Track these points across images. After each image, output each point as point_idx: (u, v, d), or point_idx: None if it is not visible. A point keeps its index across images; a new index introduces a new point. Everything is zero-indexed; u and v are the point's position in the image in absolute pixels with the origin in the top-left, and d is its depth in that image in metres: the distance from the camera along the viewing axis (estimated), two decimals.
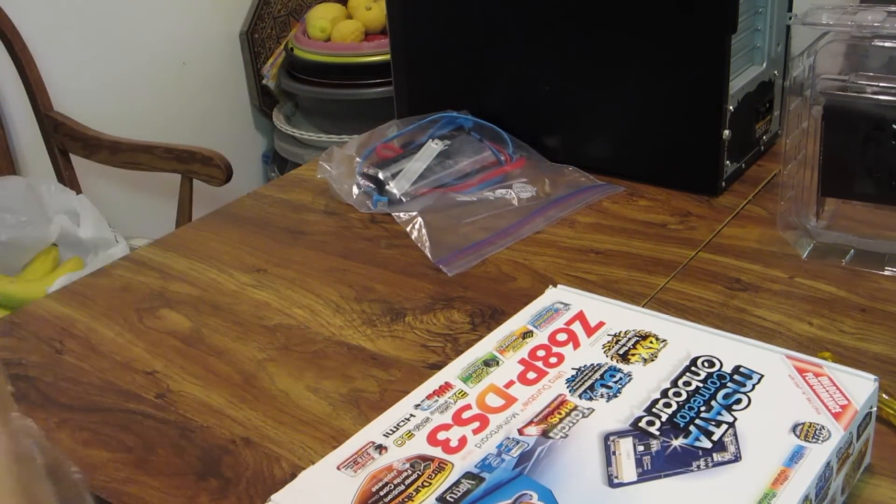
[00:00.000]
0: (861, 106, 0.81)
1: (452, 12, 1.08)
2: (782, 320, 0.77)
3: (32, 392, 0.75)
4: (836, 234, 0.86)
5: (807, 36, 0.86)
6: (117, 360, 0.78)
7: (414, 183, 1.00)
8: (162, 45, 2.04)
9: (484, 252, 0.90)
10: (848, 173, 0.84)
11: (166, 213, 1.82)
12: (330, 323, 0.81)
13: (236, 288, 0.88)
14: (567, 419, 0.58)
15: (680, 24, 0.93)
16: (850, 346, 0.73)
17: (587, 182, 1.02)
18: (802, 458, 0.53)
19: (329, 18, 2.13)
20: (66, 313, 0.86)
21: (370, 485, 0.54)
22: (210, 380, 0.75)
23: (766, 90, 1.02)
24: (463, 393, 0.61)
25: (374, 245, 0.94)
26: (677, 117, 0.97)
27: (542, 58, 1.03)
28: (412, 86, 1.15)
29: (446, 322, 0.80)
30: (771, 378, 0.60)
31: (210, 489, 0.63)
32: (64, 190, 1.68)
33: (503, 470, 0.54)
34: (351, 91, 2.08)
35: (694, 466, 0.53)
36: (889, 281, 0.81)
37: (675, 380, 0.60)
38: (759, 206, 0.95)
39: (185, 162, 1.64)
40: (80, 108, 1.81)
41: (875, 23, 0.82)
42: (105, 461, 0.67)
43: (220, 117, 2.21)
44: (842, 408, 0.57)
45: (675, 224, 0.93)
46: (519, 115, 1.07)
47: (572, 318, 0.68)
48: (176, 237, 0.99)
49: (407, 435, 0.58)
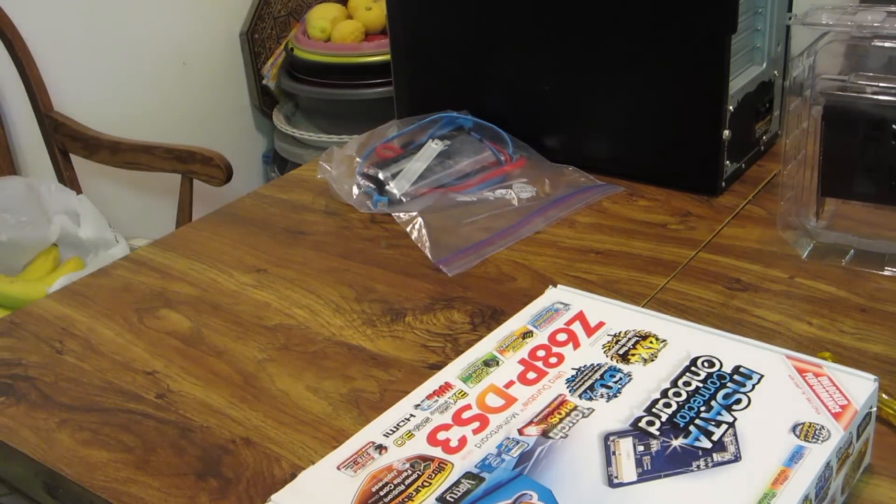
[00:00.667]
0: (861, 106, 0.81)
1: (452, 12, 1.08)
2: (782, 320, 0.77)
3: (32, 392, 0.75)
4: (836, 234, 0.86)
5: (807, 36, 0.86)
6: (117, 360, 0.78)
7: (414, 183, 1.00)
8: (162, 46, 2.04)
9: (484, 252, 0.90)
10: (848, 173, 0.84)
11: (166, 213, 1.83)
12: (330, 323, 0.81)
13: (236, 288, 0.88)
14: (567, 419, 0.58)
15: (680, 25, 0.93)
16: (850, 346, 0.73)
17: (587, 182, 1.02)
18: (802, 458, 0.53)
19: (329, 18, 2.13)
20: (66, 313, 0.86)
21: (370, 485, 0.54)
22: (210, 380, 0.75)
23: (766, 90, 1.02)
24: (463, 393, 0.61)
25: (374, 245, 0.94)
26: (677, 117, 0.97)
27: (543, 58, 1.03)
28: (412, 86, 1.15)
29: (446, 322, 0.80)
30: (771, 378, 0.60)
31: (210, 489, 0.63)
32: (64, 190, 1.68)
33: (503, 470, 0.54)
34: (351, 91, 2.08)
35: (694, 466, 0.53)
36: (889, 281, 0.81)
37: (675, 380, 0.60)
38: (759, 207, 0.95)
39: (186, 162, 1.64)
40: (81, 109, 1.81)
41: (875, 23, 0.82)
42: (105, 461, 0.67)
43: (221, 117, 2.21)
44: (842, 408, 0.57)
45: (674, 224, 0.93)
46: (519, 115, 1.07)
47: (572, 319, 0.68)
48: (176, 237, 0.99)
49: (407, 435, 0.58)
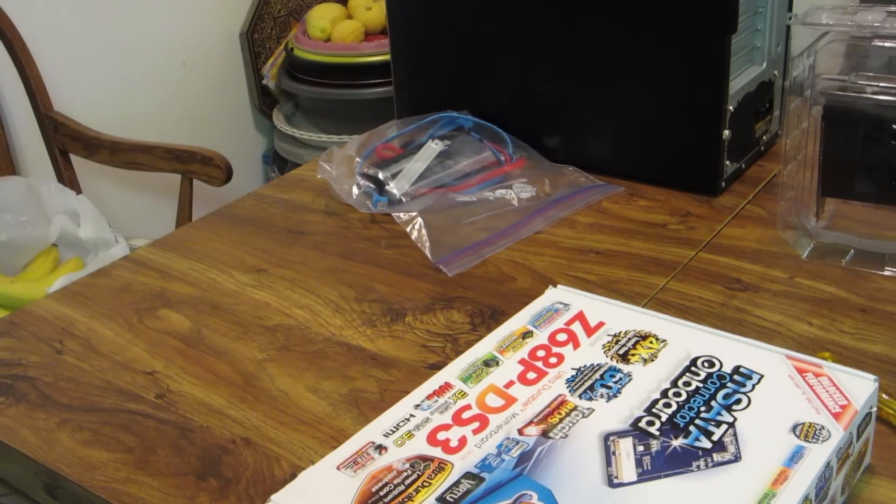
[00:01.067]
0: (861, 106, 0.81)
1: (452, 12, 1.08)
2: (782, 320, 0.77)
3: (32, 392, 0.75)
4: (836, 235, 0.86)
5: (807, 36, 0.86)
6: (117, 360, 0.78)
7: (414, 183, 1.00)
8: (162, 46, 2.04)
9: (484, 252, 0.90)
10: (848, 173, 0.84)
11: (166, 213, 1.83)
12: (330, 323, 0.81)
13: (236, 288, 0.88)
14: (567, 419, 0.58)
15: (680, 24, 0.93)
16: (850, 346, 0.73)
17: (587, 182, 1.02)
18: (802, 459, 0.53)
19: (329, 18, 2.13)
20: (66, 313, 0.86)
21: (370, 485, 0.54)
22: (210, 380, 0.75)
23: (766, 90, 1.02)
24: (463, 393, 0.61)
25: (374, 245, 0.94)
26: (677, 117, 0.97)
27: (542, 58, 1.03)
28: (412, 86, 1.15)
29: (446, 322, 0.80)
30: (771, 378, 0.60)
31: (210, 489, 0.63)
32: (64, 190, 1.68)
33: (503, 470, 0.54)
34: (351, 91, 2.08)
35: (694, 466, 0.53)
36: (889, 281, 0.81)
37: (675, 380, 0.60)
38: (759, 207, 0.95)
39: (185, 162, 1.64)
40: (81, 109, 1.81)
41: (875, 23, 0.82)
42: (105, 461, 0.67)
43: (221, 117, 2.21)
44: (842, 408, 0.57)
45: (674, 224, 0.93)
46: (519, 115, 1.07)
47: (572, 319, 0.68)
48: (176, 237, 0.99)
49: (407, 435, 0.58)
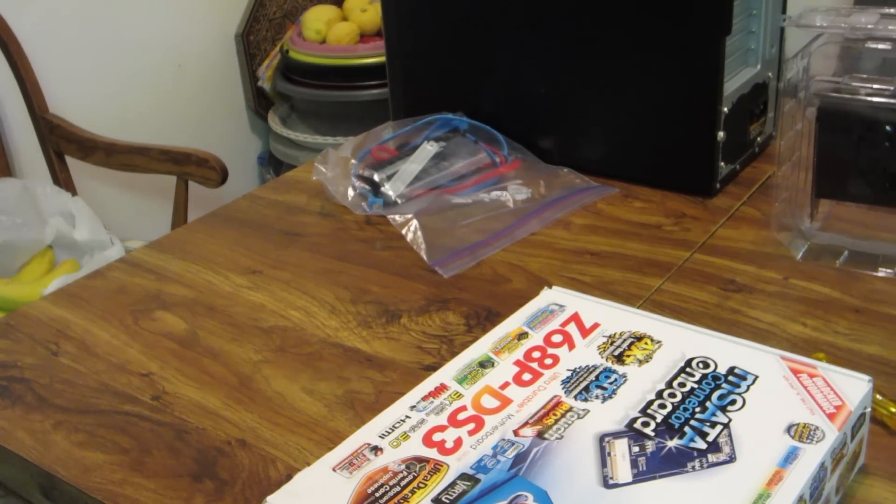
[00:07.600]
0: (855, 107, 0.81)
1: (447, 14, 1.08)
2: (777, 321, 0.77)
3: (28, 394, 0.75)
4: (830, 236, 0.86)
5: (801, 38, 0.86)
6: (113, 361, 0.78)
7: (409, 185, 1.00)
8: (157, 48, 2.04)
9: (479, 254, 0.90)
10: (842, 175, 0.84)
11: (162, 215, 1.83)
12: (325, 325, 0.81)
13: (232, 290, 0.88)
14: (562, 420, 0.58)
15: (674, 27, 0.93)
16: (845, 346, 0.73)
17: (582, 183, 1.02)
18: (797, 459, 0.53)
19: (324, 20, 2.13)
20: (61, 315, 0.86)
21: (366, 486, 0.54)
22: (205, 381, 0.75)
23: (760, 92, 1.03)
24: (458, 394, 0.61)
25: (369, 247, 0.94)
26: (672, 119, 0.97)
27: (537, 60, 1.03)
28: (407, 88, 1.15)
29: (441, 323, 0.80)
30: (765, 379, 0.60)
31: (205, 491, 0.63)
32: (59, 192, 1.68)
33: (498, 471, 0.54)
34: (346, 93, 2.08)
35: (689, 467, 0.53)
36: (883, 282, 0.81)
37: (669, 381, 0.61)
38: (754, 208, 0.96)
39: (181, 164, 1.64)
40: (76, 111, 1.81)
41: (868, 25, 0.82)
42: (101, 463, 0.67)
43: (216, 119, 2.21)
44: (836, 408, 0.57)
45: (669, 225, 0.94)
46: (514, 116, 1.07)
47: (567, 320, 0.68)
48: (171, 239, 0.99)
49: (402, 436, 0.58)
